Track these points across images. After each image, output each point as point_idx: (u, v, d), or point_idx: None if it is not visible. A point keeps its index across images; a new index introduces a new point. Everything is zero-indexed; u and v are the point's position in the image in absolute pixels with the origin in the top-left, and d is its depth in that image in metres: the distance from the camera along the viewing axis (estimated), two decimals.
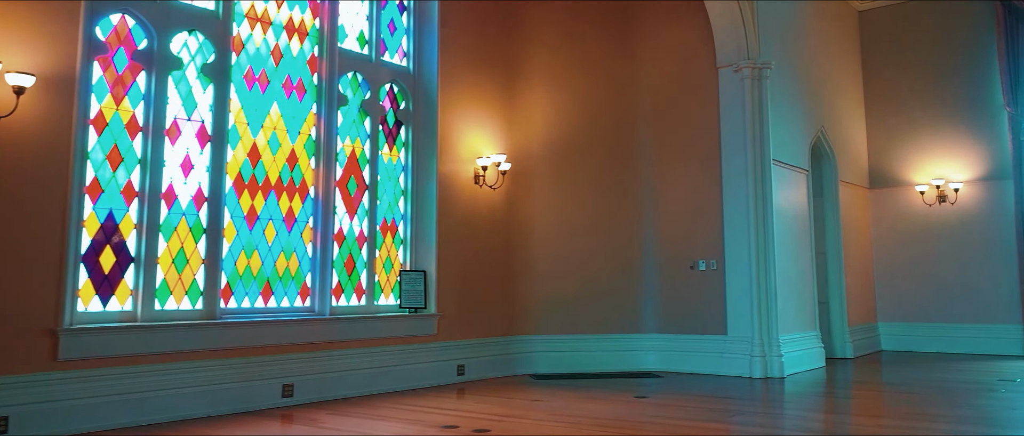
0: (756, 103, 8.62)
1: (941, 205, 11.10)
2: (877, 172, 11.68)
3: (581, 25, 9.32)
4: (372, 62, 7.79)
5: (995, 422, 5.59)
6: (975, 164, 10.95)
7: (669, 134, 9.19)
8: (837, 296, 10.39)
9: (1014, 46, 10.58)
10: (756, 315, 8.32)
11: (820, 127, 10.23)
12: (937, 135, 11.25)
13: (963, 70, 11.11)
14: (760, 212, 8.46)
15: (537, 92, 9.13)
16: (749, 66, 8.60)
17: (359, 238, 7.50)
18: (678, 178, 9.07)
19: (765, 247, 8.43)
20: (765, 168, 8.54)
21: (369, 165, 7.66)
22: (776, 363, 8.25)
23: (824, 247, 10.50)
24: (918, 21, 11.51)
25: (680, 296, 8.90)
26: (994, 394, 6.92)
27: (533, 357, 8.74)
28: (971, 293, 10.80)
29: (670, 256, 9.01)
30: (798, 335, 9.02)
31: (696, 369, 8.64)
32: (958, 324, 10.87)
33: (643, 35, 9.46)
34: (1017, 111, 10.49)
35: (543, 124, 9.10)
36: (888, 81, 11.69)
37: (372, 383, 7.14)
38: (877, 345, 11.36)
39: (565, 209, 9.02)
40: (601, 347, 8.90)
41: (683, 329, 8.85)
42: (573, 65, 9.25)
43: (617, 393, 7.04)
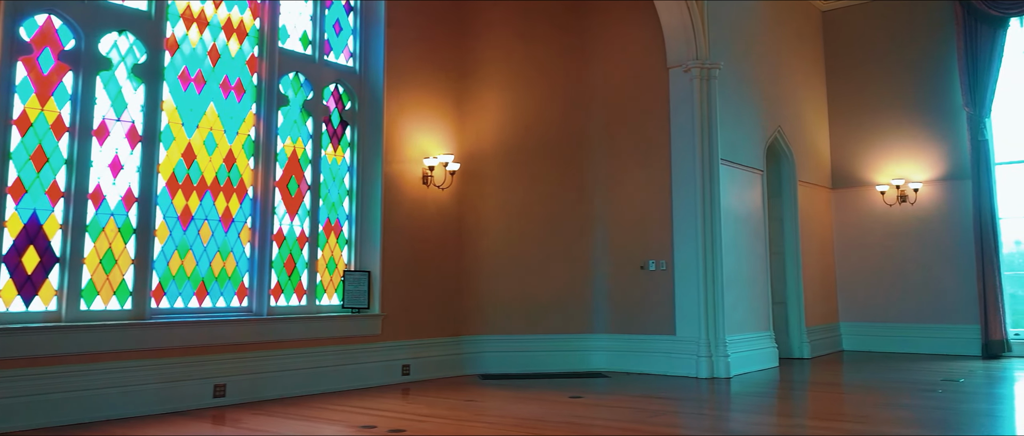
0: (705, 103, 8.62)
1: (901, 205, 11.10)
2: (840, 172, 11.68)
3: (534, 25, 9.32)
4: (315, 62, 7.79)
5: (919, 422, 5.58)
6: (935, 164, 10.95)
7: (621, 134, 9.19)
8: (794, 296, 10.40)
9: (973, 46, 10.58)
10: (703, 315, 8.32)
11: (777, 127, 10.23)
12: (898, 135, 11.25)
13: (924, 70, 11.12)
14: (708, 212, 8.47)
15: (489, 92, 9.13)
16: (698, 66, 8.60)
17: (300, 238, 7.50)
18: (629, 178, 9.07)
19: (713, 247, 8.43)
20: (714, 168, 8.54)
21: (311, 165, 7.65)
22: (722, 363, 8.25)
23: (782, 247, 10.51)
24: (880, 21, 11.52)
25: (630, 296, 8.90)
26: (930, 394, 6.92)
27: (483, 357, 8.74)
28: (931, 293, 10.81)
29: (621, 256, 9.02)
30: (750, 335, 9.02)
31: (645, 369, 8.64)
32: (918, 324, 10.88)
33: (597, 35, 9.47)
34: (976, 111, 10.49)
35: (495, 124, 9.10)
36: (851, 81, 11.70)
37: (312, 383, 7.14)
38: (838, 345, 11.36)
39: (517, 209, 9.03)
40: (552, 347, 8.90)
41: (633, 329, 8.85)
42: (526, 65, 9.26)
43: (555, 393, 7.05)
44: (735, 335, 8.67)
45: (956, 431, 5.24)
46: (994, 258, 10.18)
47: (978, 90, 10.49)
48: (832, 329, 11.34)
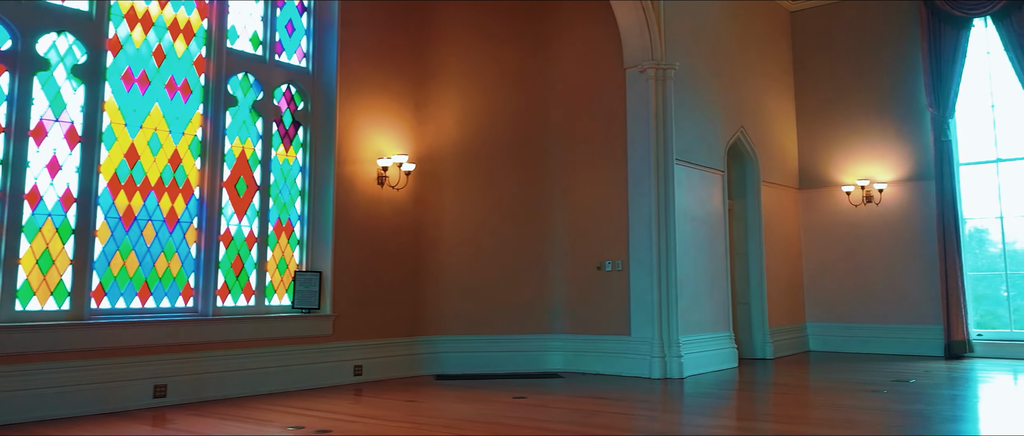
0: (660, 104, 8.62)
1: (867, 206, 11.11)
2: (807, 173, 11.69)
3: (494, 25, 9.32)
4: (266, 63, 7.80)
5: (849, 423, 5.58)
6: (900, 164, 10.96)
7: (579, 135, 9.19)
8: (757, 297, 10.40)
9: (936, 46, 10.59)
10: (656, 316, 8.32)
11: (740, 128, 10.23)
12: (864, 135, 11.26)
13: (890, 70, 11.12)
14: (663, 213, 8.47)
15: (448, 92, 9.13)
16: (653, 67, 8.60)
17: (248, 239, 7.50)
18: (587, 179, 9.07)
19: (667, 248, 8.43)
20: (669, 169, 8.55)
21: (261, 166, 7.65)
22: (675, 364, 8.25)
23: (745, 248, 10.52)
24: (848, 21, 11.52)
25: (587, 297, 8.91)
26: (874, 395, 6.92)
27: (441, 358, 8.74)
28: (895, 294, 10.81)
29: (578, 257, 9.02)
30: (708, 336, 9.02)
31: (601, 370, 8.64)
32: (883, 325, 10.88)
33: (556, 35, 9.47)
34: (939, 112, 10.49)
35: (454, 125, 9.10)
36: (819, 82, 11.70)
37: (259, 384, 7.14)
38: (805, 345, 11.37)
39: (475, 209, 9.03)
40: (509, 347, 8.90)
41: (589, 330, 8.86)
42: (485, 65, 9.26)
43: (500, 394, 7.05)
44: (692, 335, 8.68)
45: (882, 431, 5.24)
46: (957, 259, 10.18)
47: (941, 91, 10.50)
48: (799, 329, 11.35)
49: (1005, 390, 7.43)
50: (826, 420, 5.75)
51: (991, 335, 10.32)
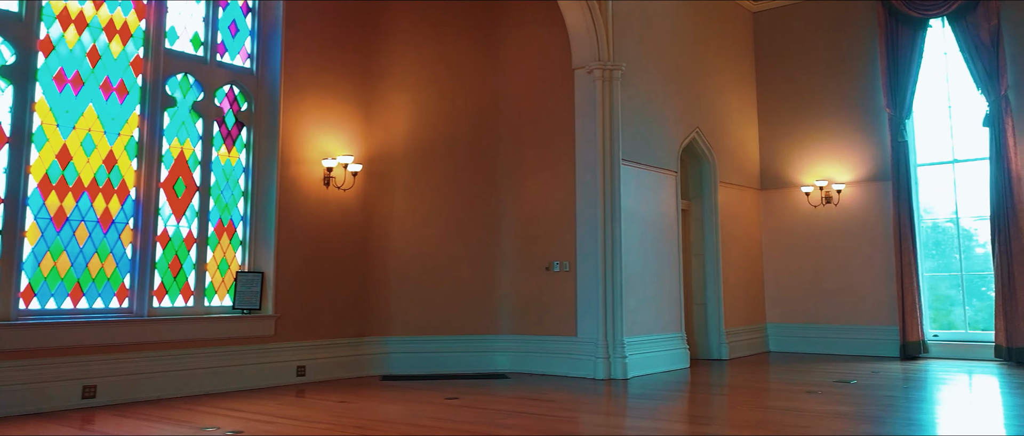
0: (607, 105, 8.63)
1: (826, 206, 11.11)
2: (768, 173, 11.69)
3: (445, 25, 9.32)
4: (207, 63, 7.80)
5: (766, 424, 5.58)
6: (858, 165, 10.96)
7: (529, 135, 9.20)
8: (714, 298, 10.40)
9: (894, 47, 10.59)
10: (602, 316, 8.33)
11: (696, 128, 10.23)
12: (824, 136, 11.26)
13: (850, 71, 11.12)
14: (609, 213, 8.47)
15: (399, 92, 9.14)
16: (600, 68, 8.61)
17: (187, 239, 7.50)
18: (536, 179, 9.08)
19: (612, 248, 8.44)
20: (615, 170, 8.55)
21: (200, 166, 7.66)
22: (619, 364, 8.26)
23: (702, 249, 10.52)
24: (809, 22, 11.52)
25: (535, 297, 8.91)
26: (809, 396, 6.92)
27: (388, 358, 8.74)
28: (853, 294, 10.81)
29: (527, 257, 9.02)
30: (657, 336, 9.03)
31: (547, 370, 8.65)
32: (842, 325, 10.89)
33: (508, 35, 9.47)
34: (896, 112, 10.49)
35: (405, 125, 9.11)
36: (780, 83, 11.71)
37: (195, 385, 7.15)
38: (765, 346, 11.37)
39: (425, 210, 9.03)
40: (457, 348, 8.91)
41: (537, 330, 8.86)
42: (436, 65, 9.26)
43: (435, 394, 7.05)
44: (640, 336, 8.68)
45: (793, 432, 5.24)
46: (912, 260, 10.18)
47: (898, 91, 10.50)
48: (759, 330, 11.35)
49: (942, 391, 7.43)
50: (745, 421, 5.75)
51: (947, 336, 10.33)
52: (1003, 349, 9.49)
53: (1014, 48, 9.88)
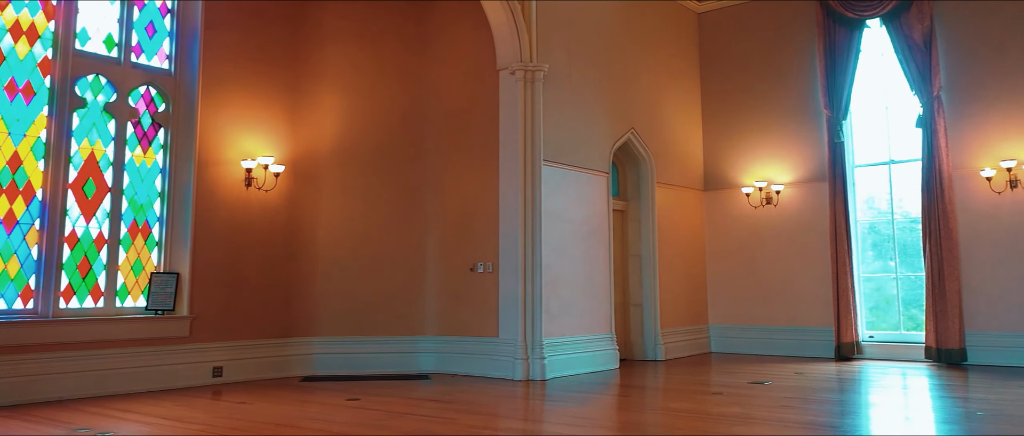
0: (529, 106, 8.63)
1: (766, 207, 11.10)
2: (712, 174, 11.68)
3: (376, 26, 9.33)
4: (120, 64, 7.80)
5: (645, 425, 5.59)
6: (798, 166, 10.96)
7: (457, 136, 9.20)
8: (650, 299, 10.39)
9: (831, 48, 10.59)
10: (521, 317, 8.33)
11: (631, 129, 10.23)
12: (765, 136, 11.26)
13: (790, 71, 11.12)
14: (529, 215, 8.48)
15: (327, 93, 9.14)
16: (522, 68, 8.61)
17: (97, 240, 7.50)
18: (463, 180, 9.08)
19: (533, 250, 8.44)
20: (536, 171, 8.55)
21: (112, 167, 7.66)
22: (538, 366, 8.26)
23: (639, 250, 10.51)
24: (752, 22, 11.52)
25: (460, 298, 8.91)
26: (713, 397, 6.92)
27: (312, 359, 8.74)
28: (792, 295, 10.81)
29: (452, 258, 9.02)
30: (584, 338, 9.02)
31: (470, 371, 8.65)
32: (781, 326, 10.88)
33: (438, 36, 9.47)
34: (834, 113, 10.49)
35: (332, 126, 9.11)
36: (724, 84, 11.70)
37: (103, 385, 7.14)
38: (707, 347, 11.37)
39: (352, 210, 9.04)
40: (383, 349, 8.91)
41: (461, 331, 8.86)
42: (365, 66, 9.27)
43: (338, 396, 7.05)
44: (566, 337, 8.69)
45: (662, 432, 5.24)
46: (847, 261, 10.18)
47: (835, 92, 10.50)
48: (701, 331, 11.35)
49: (848, 393, 7.41)
50: (626, 422, 5.75)
51: (883, 337, 10.32)
52: (932, 350, 9.49)
53: (947, 49, 9.88)
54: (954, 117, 9.77)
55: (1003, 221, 9.39)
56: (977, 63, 9.69)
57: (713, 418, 5.87)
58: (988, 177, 9.41)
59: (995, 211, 9.44)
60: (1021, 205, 9.28)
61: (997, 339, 9.29)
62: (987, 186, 9.46)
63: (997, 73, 9.56)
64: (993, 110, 9.56)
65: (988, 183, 9.44)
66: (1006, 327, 9.27)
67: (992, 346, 9.30)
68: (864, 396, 7.13)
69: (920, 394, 7.40)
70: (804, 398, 6.83)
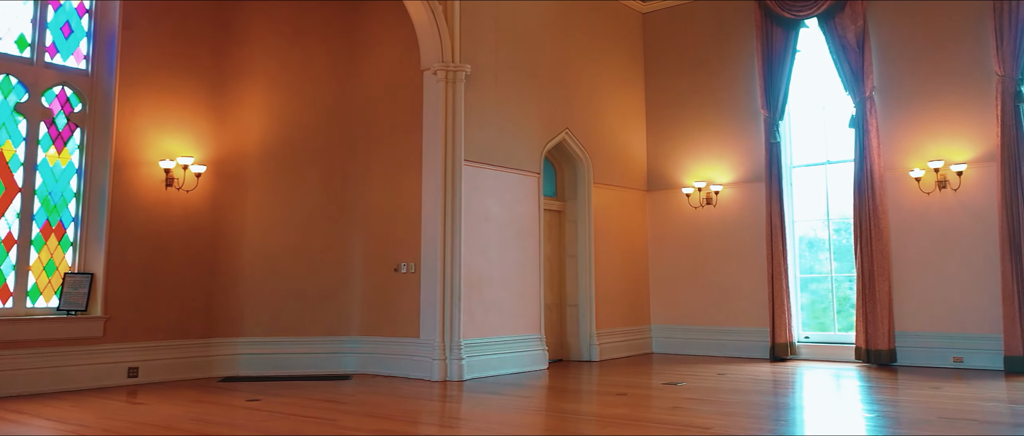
0: (451, 107, 8.62)
1: (706, 208, 11.08)
2: (655, 175, 11.66)
3: (304, 26, 9.32)
4: (33, 64, 7.80)
5: (525, 426, 5.57)
6: (737, 166, 10.94)
7: (383, 137, 9.20)
8: (585, 299, 10.37)
9: (769, 48, 10.57)
10: (439, 318, 8.32)
11: (565, 129, 10.21)
12: (706, 137, 11.24)
13: (731, 72, 11.10)
14: (450, 215, 8.47)
15: (254, 94, 9.13)
16: (443, 69, 8.60)
17: (6, 240, 7.50)
18: (388, 181, 9.08)
19: (453, 250, 8.43)
20: (457, 171, 8.55)
21: (23, 167, 7.65)
22: (456, 366, 8.25)
23: (576, 250, 10.50)
24: (695, 23, 11.50)
25: (384, 299, 8.91)
26: (613, 398, 6.90)
27: (236, 359, 8.74)
28: (731, 296, 10.79)
29: (377, 258, 9.02)
30: (510, 338, 9.01)
31: (392, 372, 8.64)
32: (720, 327, 10.86)
33: (366, 37, 9.46)
34: (771, 114, 10.47)
35: (259, 126, 9.10)
36: (667, 84, 11.68)
37: (11, 386, 7.13)
38: (648, 347, 11.35)
39: (278, 211, 9.03)
40: (307, 349, 8.91)
41: (384, 332, 8.85)
42: (295, 67, 9.26)
43: (239, 397, 7.04)
44: (489, 338, 8.69)
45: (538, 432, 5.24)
46: (783, 261, 10.16)
47: (772, 93, 10.48)
48: (642, 331, 11.33)
49: (756, 393, 7.39)
50: (507, 422, 5.73)
51: (818, 338, 10.31)
52: (862, 351, 9.47)
53: (880, 49, 9.86)
54: (886, 117, 9.76)
55: (932, 222, 9.37)
56: (908, 63, 9.67)
57: (594, 419, 5.86)
58: (917, 177, 9.40)
59: (925, 212, 9.42)
60: (950, 205, 9.27)
61: (926, 339, 9.27)
62: (917, 187, 9.44)
63: (927, 73, 9.54)
64: (923, 110, 9.54)
65: (917, 184, 9.42)
66: (934, 327, 9.25)
67: (921, 347, 9.28)
68: (766, 397, 7.11)
69: (823, 395, 7.38)
70: (703, 400, 6.81)
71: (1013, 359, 8.56)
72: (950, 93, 9.37)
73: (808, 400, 7.08)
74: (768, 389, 7.63)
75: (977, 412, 6.10)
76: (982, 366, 8.88)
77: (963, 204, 9.20)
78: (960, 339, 9.08)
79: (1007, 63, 8.84)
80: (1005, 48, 8.87)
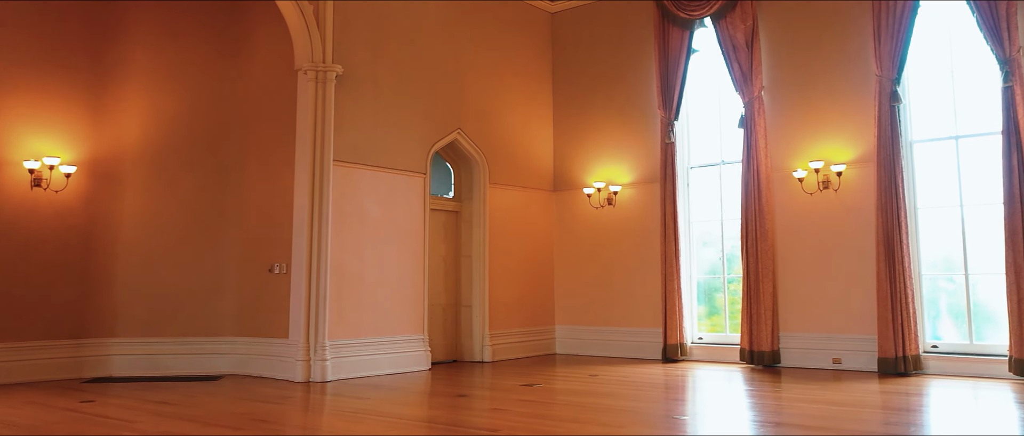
0: (321, 107, 8.60)
1: (607, 208, 11.05)
2: (561, 175, 11.63)
3: (184, 26, 9.29)
4: None
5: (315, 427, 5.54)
6: (636, 167, 10.90)
7: (259, 137, 9.17)
8: (479, 300, 10.34)
9: (665, 48, 10.53)
10: (305, 319, 8.29)
11: (457, 129, 10.17)
12: (609, 137, 11.20)
13: (632, 72, 11.06)
14: (318, 215, 8.45)
15: (132, 94, 9.09)
16: (314, 69, 8.58)
17: None
18: (264, 181, 9.05)
19: (320, 250, 8.41)
20: (326, 171, 8.53)
21: None
22: (319, 367, 8.22)
23: (471, 251, 10.47)
24: (600, 23, 11.46)
25: (258, 299, 8.88)
26: (458, 398, 6.87)
27: (110, 360, 8.70)
28: (629, 297, 10.76)
29: (253, 259, 8.99)
30: (387, 339, 8.99)
31: (264, 373, 8.61)
32: (619, 327, 10.84)
33: (246, 36, 9.43)
34: (666, 114, 10.44)
35: (138, 125, 9.07)
36: (573, 84, 11.65)
37: None
38: (551, 348, 11.32)
39: (155, 211, 9.00)
40: (183, 350, 8.88)
41: (258, 332, 8.83)
42: (174, 66, 9.23)
43: (72, 399, 7.00)
44: (361, 339, 8.68)
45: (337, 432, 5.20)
46: (675, 262, 10.12)
47: (668, 93, 10.44)
48: (546, 332, 11.30)
49: (607, 395, 7.36)
50: (310, 424, 5.70)
51: (712, 339, 10.27)
52: (747, 352, 9.44)
53: (769, 49, 9.83)
54: (774, 117, 9.73)
55: (815, 223, 9.34)
56: (795, 63, 9.64)
57: (398, 420, 5.82)
58: (800, 178, 9.36)
59: (809, 213, 9.39)
60: (832, 206, 9.24)
61: (808, 341, 9.24)
62: (800, 187, 9.41)
63: (812, 73, 9.51)
64: (808, 111, 9.52)
65: (801, 184, 9.39)
66: (817, 328, 9.22)
67: (803, 348, 9.26)
68: (606, 400, 7.05)
69: (663, 399, 7.34)
70: (540, 402, 6.78)
71: (886, 360, 8.53)
72: (833, 93, 9.34)
73: (644, 403, 7.01)
74: (624, 391, 7.58)
75: (805, 416, 6.08)
76: (860, 368, 8.85)
77: (844, 205, 9.17)
78: (840, 340, 9.06)
79: (884, 63, 8.81)
80: (883, 48, 8.83)
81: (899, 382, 7.95)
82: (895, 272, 8.55)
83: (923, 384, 7.80)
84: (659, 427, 5.68)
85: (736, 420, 5.98)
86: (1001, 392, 7.22)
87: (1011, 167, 7.99)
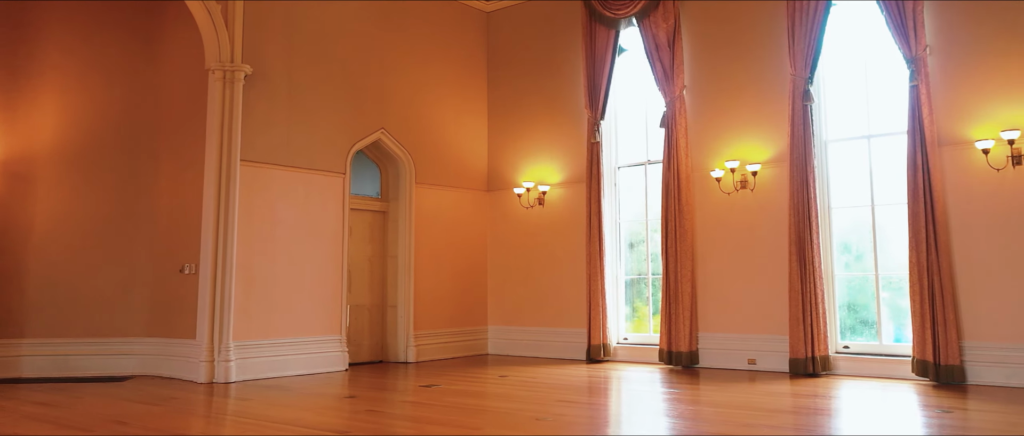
0: (228, 107, 8.57)
1: (537, 208, 11.01)
2: (495, 175, 11.59)
3: (101, 25, 9.26)
4: None
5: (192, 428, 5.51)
6: (565, 167, 10.86)
7: (173, 137, 9.14)
8: (404, 301, 10.30)
9: (593, 47, 10.49)
10: (210, 319, 8.26)
11: (380, 129, 10.13)
12: (540, 137, 11.16)
13: (561, 72, 11.02)
14: (223, 215, 8.41)
15: (46, 93, 9.06)
16: (221, 69, 8.54)
17: None
18: (176, 182, 9.02)
19: (225, 250, 8.38)
20: (232, 171, 8.49)
21: None
22: (223, 368, 8.19)
23: (396, 251, 10.43)
24: (533, 22, 11.43)
25: (169, 299, 8.85)
26: (347, 400, 6.83)
27: (19, 361, 8.66)
28: (559, 297, 10.72)
29: (164, 259, 8.96)
30: (298, 340, 8.95)
31: (172, 373, 8.58)
32: (548, 328, 10.80)
33: (163, 36, 9.40)
34: (593, 113, 10.39)
35: (53, 125, 9.04)
36: (506, 84, 11.61)
37: None
38: (484, 348, 11.28)
39: (68, 210, 8.97)
40: (94, 351, 8.84)
41: (167, 333, 8.79)
42: (90, 65, 9.20)
43: None
44: (270, 339, 8.64)
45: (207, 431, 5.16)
46: (599, 263, 10.08)
47: (595, 92, 10.40)
48: (478, 333, 11.26)
49: (500, 397, 7.31)
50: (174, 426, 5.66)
51: (637, 339, 10.23)
52: (665, 353, 9.39)
53: (690, 48, 9.79)
54: (695, 117, 9.68)
55: (733, 223, 9.29)
56: (715, 62, 9.60)
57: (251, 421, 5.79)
58: (718, 178, 9.32)
59: (727, 212, 9.34)
60: (749, 206, 9.19)
61: (725, 341, 9.20)
62: (718, 187, 9.36)
63: (730, 72, 9.47)
64: (727, 110, 9.47)
65: (718, 184, 9.34)
66: (733, 329, 9.18)
67: (721, 348, 9.22)
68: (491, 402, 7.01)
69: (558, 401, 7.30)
70: (422, 403, 6.74)
71: (796, 361, 8.48)
72: (751, 93, 9.30)
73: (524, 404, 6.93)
74: (518, 393, 7.53)
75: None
76: (773, 368, 8.80)
77: (760, 205, 9.12)
78: (755, 340, 9.01)
79: (798, 62, 8.76)
80: (796, 47, 8.78)
81: (806, 383, 7.89)
82: (806, 273, 8.50)
83: (830, 385, 7.75)
84: (521, 428, 5.64)
85: (614, 420, 5.93)
86: (904, 393, 7.17)
87: (916, 166, 7.94)
